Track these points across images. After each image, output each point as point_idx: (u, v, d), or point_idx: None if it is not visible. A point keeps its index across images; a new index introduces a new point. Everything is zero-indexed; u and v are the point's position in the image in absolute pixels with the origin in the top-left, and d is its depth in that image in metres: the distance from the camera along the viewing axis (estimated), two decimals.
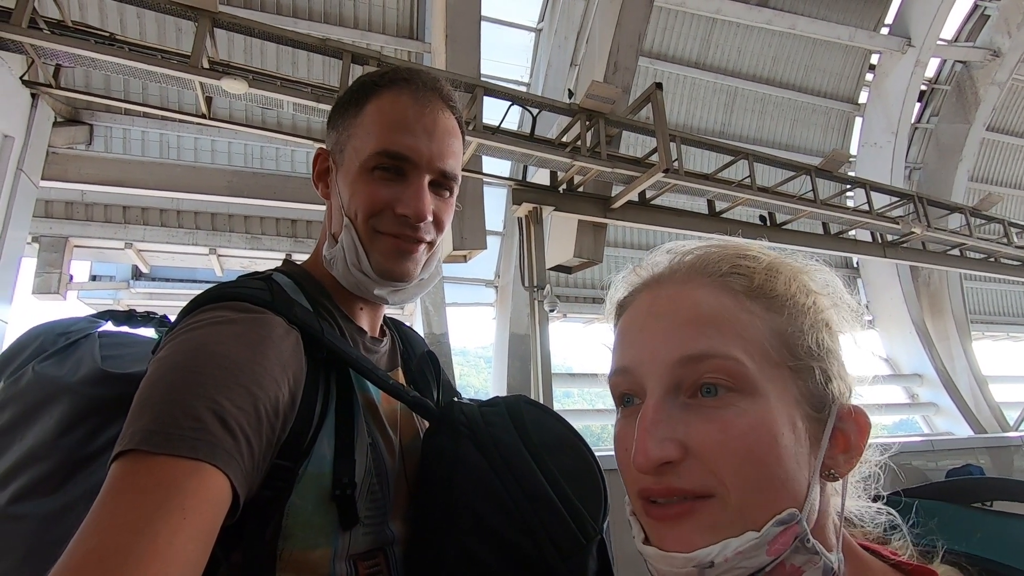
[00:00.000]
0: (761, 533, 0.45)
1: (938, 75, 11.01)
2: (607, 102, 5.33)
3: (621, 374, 0.55)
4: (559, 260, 6.20)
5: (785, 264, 0.56)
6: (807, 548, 0.47)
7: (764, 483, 0.47)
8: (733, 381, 0.48)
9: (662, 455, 0.47)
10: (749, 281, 0.53)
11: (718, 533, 0.46)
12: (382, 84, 0.83)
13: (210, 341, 0.64)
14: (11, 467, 0.70)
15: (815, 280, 0.56)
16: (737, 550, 0.45)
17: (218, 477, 0.55)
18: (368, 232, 0.80)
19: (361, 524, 0.71)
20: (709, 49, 9.27)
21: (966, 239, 8.13)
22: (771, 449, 0.47)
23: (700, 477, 0.47)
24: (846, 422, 0.52)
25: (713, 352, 0.49)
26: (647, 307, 0.56)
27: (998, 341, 12.71)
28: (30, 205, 4.55)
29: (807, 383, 0.51)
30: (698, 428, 0.48)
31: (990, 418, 9.91)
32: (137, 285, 7.32)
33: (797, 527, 0.46)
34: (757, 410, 0.48)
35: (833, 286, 0.57)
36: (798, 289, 0.54)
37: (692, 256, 0.58)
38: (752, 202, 6.35)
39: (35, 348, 0.79)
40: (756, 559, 0.45)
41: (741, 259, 0.55)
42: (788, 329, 0.52)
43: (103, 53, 3.80)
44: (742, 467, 0.46)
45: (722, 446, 0.47)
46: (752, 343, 0.50)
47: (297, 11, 6.87)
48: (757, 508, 0.46)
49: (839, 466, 0.51)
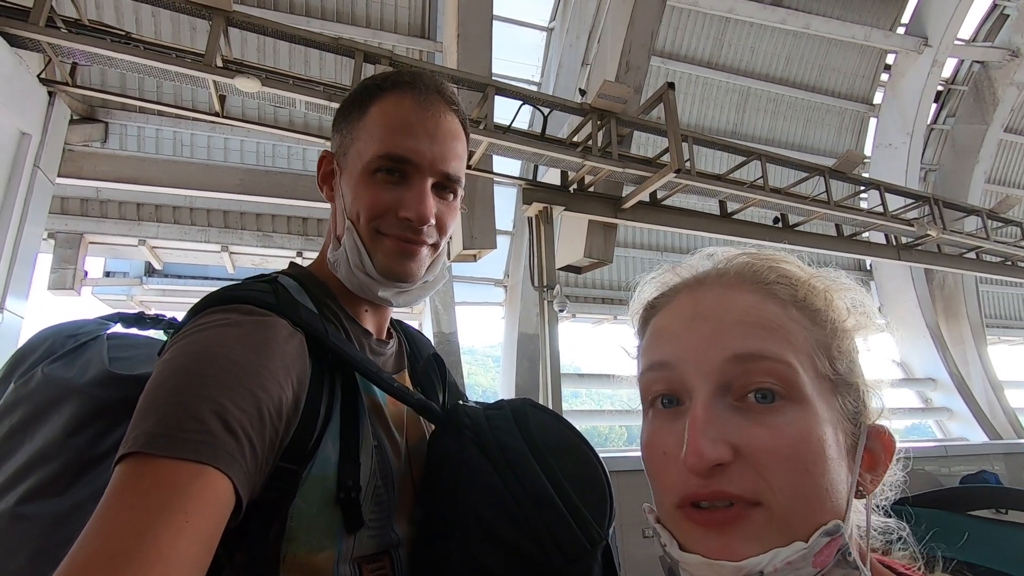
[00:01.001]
0: (809, 544, 0.45)
1: (955, 75, 10.85)
2: (619, 101, 5.30)
3: (660, 369, 0.53)
4: (569, 260, 6.18)
5: (821, 281, 0.56)
6: (848, 562, 0.46)
7: (811, 493, 0.46)
8: (784, 387, 0.48)
9: (716, 456, 0.46)
10: (794, 291, 0.53)
11: (764, 543, 0.45)
12: (385, 87, 0.83)
13: (214, 344, 0.64)
14: (20, 468, 0.71)
15: (848, 299, 0.57)
16: (787, 560, 0.44)
17: (221, 480, 0.55)
18: (370, 234, 0.80)
19: (366, 527, 0.70)
20: (722, 48, 9.20)
21: (982, 242, 8.00)
22: (819, 459, 0.47)
23: (750, 482, 0.46)
24: (875, 441, 0.52)
25: (767, 353, 0.48)
26: (691, 307, 0.54)
27: (1014, 346, 12.51)
28: (46, 202, 4.61)
29: (847, 399, 0.51)
30: (749, 432, 0.47)
31: (1005, 424, 9.76)
32: (150, 281, 7.40)
33: (840, 539, 0.46)
34: (807, 419, 0.47)
35: (866, 306, 0.57)
36: (836, 306, 0.55)
37: (738, 262, 0.57)
38: (764, 203, 6.29)
39: (45, 350, 0.80)
40: (803, 571, 0.45)
41: (785, 270, 0.56)
42: (830, 343, 0.52)
43: (119, 52, 3.84)
44: (791, 475, 0.46)
45: (773, 452, 0.46)
46: (801, 351, 0.49)
47: (310, 10, 6.91)
48: (801, 519, 0.46)
49: (866, 484, 0.51)
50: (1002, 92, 10.22)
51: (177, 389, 0.59)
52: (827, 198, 6.65)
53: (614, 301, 9.34)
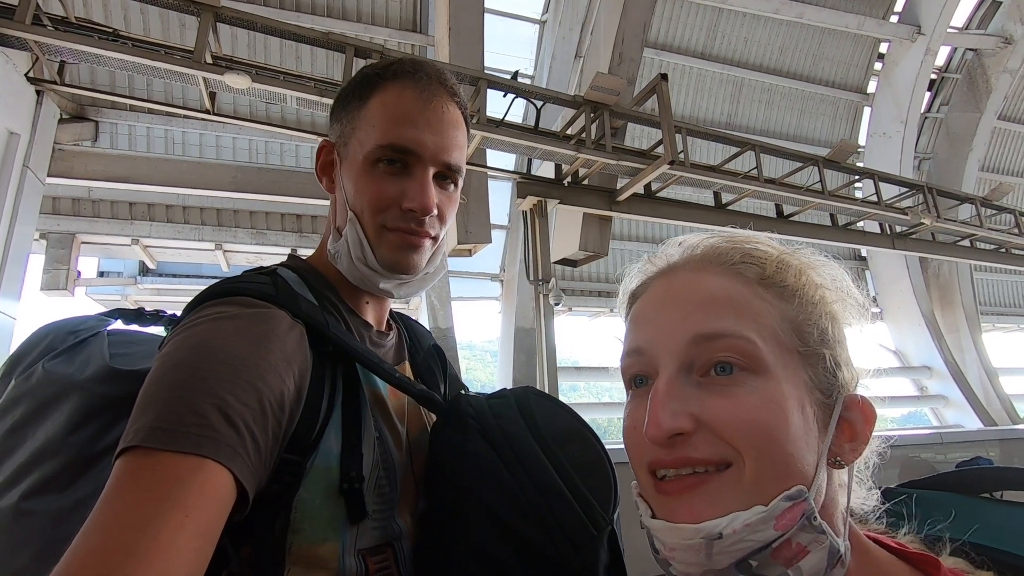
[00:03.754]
0: (769, 507, 0.46)
1: (948, 63, 10.88)
2: (612, 94, 5.29)
3: (635, 355, 0.56)
4: (564, 253, 6.18)
5: (795, 258, 0.58)
6: (813, 527, 0.47)
7: (777, 457, 0.48)
8: (746, 360, 0.50)
9: (674, 425, 0.48)
10: (761, 270, 0.55)
11: (727, 506, 0.47)
12: (386, 76, 0.82)
13: (214, 337, 0.63)
14: (23, 464, 0.70)
15: (823, 275, 0.58)
16: (745, 523, 0.46)
17: (222, 473, 0.55)
18: (375, 228, 0.80)
19: (369, 518, 0.70)
20: (715, 39, 9.19)
21: (976, 230, 8.05)
22: (782, 425, 0.48)
23: (715, 447, 0.48)
24: (852, 411, 0.53)
25: (726, 332, 0.50)
26: (662, 292, 0.58)
27: (1009, 333, 12.61)
28: (37, 202, 4.57)
29: (816, 369, 0.52)
30: (711, 402, 0.49)
31: (1000, 410, 9.85)
32: (144, 281, 7.37)
33: (805, 504, 0.47)
34: (768, 388, 0.49)
35: (841, 280, 0.59)
36: (807, 282, 0.56)
37: (705, 246, 0.60)
38: (759, 194, 6.30)
39: (45, 346, 0.79)
40: (763, 533, 0.46)
41: (753, 249, 0.58)
42: (798, 317, 0.53)
43: (107, 49, 3.80)
44: (755, 438, 0.48)
45: (735, 418, 0.48)
46: (764, 327, 0.51)
47: (300, 5, 6.86)
48: (768, 482, 0.47)
49: (845, 454, 0.52)
50: (995, 79, 10.25)
51: (177, 383, 0.58)
52: (821, 188, 6.66)
53: (610, 294, 9.35)
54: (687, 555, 0.48)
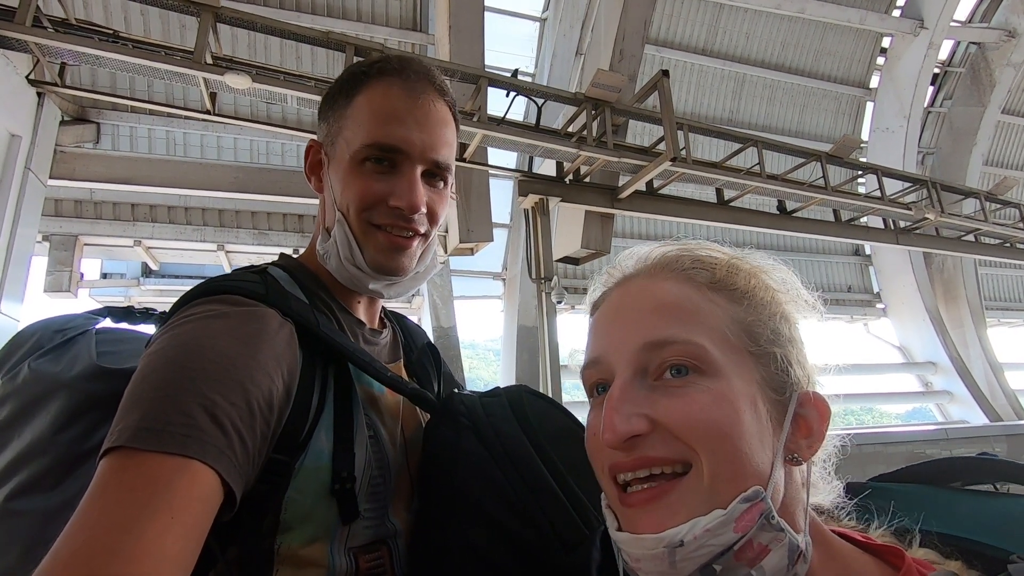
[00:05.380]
0: (728, 510, 0.47)
1: (951, 57, 10.80)
2: (613, 90, 5.26)
3: (593, 365, 0.58)
4: (566, 251, 6.16)
5: (745, 262, 0.60)
6: (772, 526, 0.48)
7: (730, 454, 0.48)
8: (696, 363, 0.51)
9: (629, 429, 0.50)
10: (711, 274, 0.57)
11: (688, 513, 0.48)
12: (372, 74, 0.81)
13: (202, 335, 0.62)
14: (9, 464, 0.70)
15: (773, 278, 0.60)
16: (705, 528, 0.47)
17: (208, 474, 0.54)
18: (362, 226, 0.79)
19: (362, 517, 0.70)
20: (716, 35, 9.15)
21: (981, 224, 8.00)
22: (733, 421, 0.49)
23: (669, 446, 0.49)
24: (807, 408, 0.54)
25: (675, 338, 0.52)
26: (617, 302, 0.60)
27: (1014, 328, 12.53)
28: (39, 204, 4.59)
29: (769, 368, 0.54)
30: (663, 403, 0.51)
31: (1005, 406, 9.79)
32: (147, 282, 7.38)
33: (762, 504, 0.48)
34: (719, 387, 0.50)
35: (790, 283, 0.61)
36: (757, 285, 0.58)
37: (657, 255, 0.62)
38: (761, 190, 6.27)
39: (32, 345, 0.78)
40: (724, 536, 0.47)
41: (703, 255, 0.60)
42: (748, 318, 0.55)
43: (107, 50, 3.80)
44: (707, 435, 0.49)
45: (688, 416, 0.49)
46: (714, 329, 0.53)
47: (300, 5, 6.85)
48: (724, 481, 0.48)
49: (802, 450, 0.53)
50: (999, 73, 10.18)
51: (164, 382, 0.58)
52: (824, 183, 6.62)
53: None
54: (651, 565, 0.48)
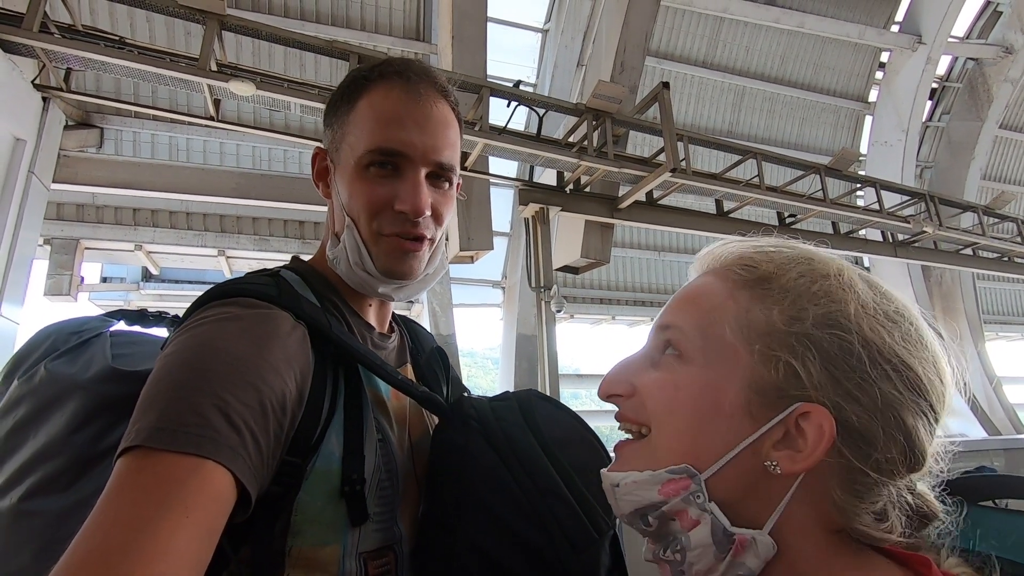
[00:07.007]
0: (655, 473, 0.54)
1: (949, 72, 10.90)
2: (614, 102, 5.31)
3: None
4: (566, 260, 6.18)
5: (799, 265, 0.58)
6: (697, 504, 0.52)
7: (674, 431, 0.55)
8: (681, 348, 0.57)
9: (606, 389, 0.61)
10: (751, 272, 0.58)
11: (632, 466, 0.56)
12: (372, 78, 0.81)
13: (216, 337, 0.63)
14: (24, 464, 0.70)
15: (859, 295, 0.58)
16: (634, 480, 0.55)
17: (222, 474, 0.54)
18: (372, 234, 0.79)
19: (371, 521, 0.70)
20: (716, 48, 9.23)
21: (979, 238, 8.03)
22: (684, 405, 0.54)
23: (636, 412, 0.58)
24: (806, 421, 0.50)
25: (673, 323, 0.59)
26: None
27: (1012, 342, 12.55)
28: (41, 207, 4.59)
29: (768, 371, 0.52)
30: (647, 375, 0.58)
31: (1004, 420, 9.79)
32: (147, 287, 7.38)
33: (690, 482, 0.52)
34: (687, 371, 0.55)
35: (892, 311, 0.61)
36: (805, 293, 0.55)
37: (727, 250, 0.64)
38: (760, 201, 6.30)
39: (48, 347, 0.79)
40: (648, 493, 0.54)
41: (752, 254, 0.60)
42: (767, 319, 0.53)
43: (113, 56, 3.83)
44: (659, 411, 0.56)
45: (651, 390, 0.57)
46: (713, 323, 0.56)
47: (304, 13, 6.91)
48: (668, 454, 0.54)
49: (781, 461, 0.50)
50: (996, 88, 10.27)
51: (179, 383, 0.58)
52: (823, 196, 6.66)
53: (612, 301, 9.34)
54: (607, 497, 0.58)
